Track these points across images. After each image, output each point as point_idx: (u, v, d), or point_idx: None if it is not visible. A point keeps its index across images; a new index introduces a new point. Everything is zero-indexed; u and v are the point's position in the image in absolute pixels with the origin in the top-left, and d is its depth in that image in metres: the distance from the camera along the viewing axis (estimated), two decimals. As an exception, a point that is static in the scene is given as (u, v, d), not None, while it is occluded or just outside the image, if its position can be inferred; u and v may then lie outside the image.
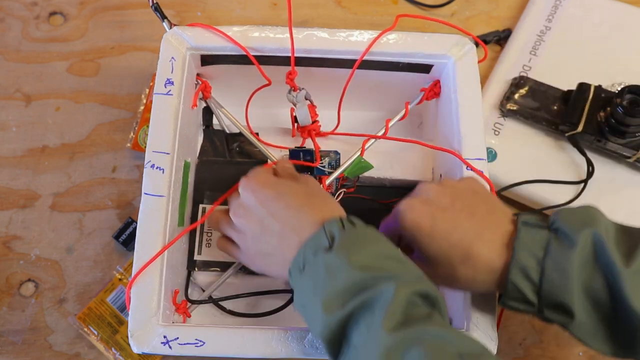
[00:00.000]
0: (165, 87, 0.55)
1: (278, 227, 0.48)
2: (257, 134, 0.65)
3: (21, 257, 0.66)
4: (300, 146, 0.64)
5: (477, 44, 0.59)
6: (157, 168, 0.53)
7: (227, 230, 0.54)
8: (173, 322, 0.52)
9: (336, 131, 0.64)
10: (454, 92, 0.57)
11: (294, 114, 0.60)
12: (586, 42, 0.74)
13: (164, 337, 0.48)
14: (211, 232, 0.62)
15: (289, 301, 0.58)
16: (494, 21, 0.79)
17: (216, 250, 0.61)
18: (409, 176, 0.65)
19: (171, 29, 0.57)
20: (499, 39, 0.77)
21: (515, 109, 0.69)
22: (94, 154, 0.71)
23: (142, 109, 0.71)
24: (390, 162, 0.65)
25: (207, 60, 0.59)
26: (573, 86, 0.68)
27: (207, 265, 0.61)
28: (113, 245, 0.66)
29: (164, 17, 0.57)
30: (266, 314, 0.58)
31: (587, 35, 0.74)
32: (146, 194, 0.52)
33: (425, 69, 0.60)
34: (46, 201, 0.68)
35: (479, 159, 0.55)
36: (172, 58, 0.56)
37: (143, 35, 0.77)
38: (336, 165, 0.63)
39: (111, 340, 0.62)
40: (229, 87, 0.63)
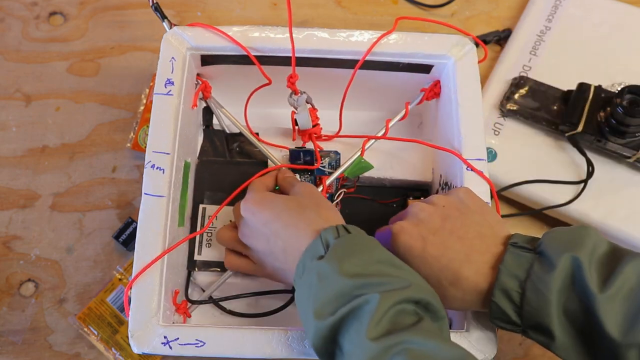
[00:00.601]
0: (166, 87, 0.55)
1: (281, 244, 0.50)
2: (257, 134, 0.65)
3: (21, 257, 0.66)
4: (303, 147, 0.64)
5: (477, 44, 0.59)
6: (157, 168, 0.53)
7: (235, 247, 0.56)
8: (173, 323, 0.52)
9: (336, 135, 0.65)
10: (454, 92, 0.57)
11: (294, 117, 0.60)
12: (586, 42, 0.74)
13: (164, 337, 0.48)
14: (211, 232, 0.62)
15: (289, 301, 0.58)
16: (494, 21, 0.79)
17: (216, 250, 0.61)
18: (409, 176, 0.65)
19: (171, 29, 0.57)
20: (499, 39, 0.77)
21: (515, 109, 0.69)
22: (94, 154, 0.71)
23: (142, 109, 0.71)
24: (390, 162, 0.65)
25: (207, 60, 0.59)
26: (573, 86, 0.68)
27: (207, 266, 0.61)
28: (113, 245, 0.66)
29: (164, 17, 0.57)
30: (266, 314, 0.58)
31: (587, 35, 0.74)
32: (146, 194, 0.52)
33: (425, 69, 0.60)
34: (46, 201, 0.68)
35: (479, 159, 0.55)
36: (172, 58, 0.56)
37: (143, 35, 0.77)
38: (336, 166, 0.62)
39: (111, 340, 0.62)
40: (229, 87, 0.63)
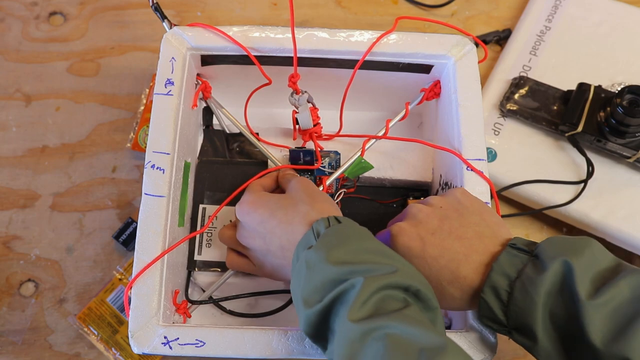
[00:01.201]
0: (166, 87, 0.55)
1: (278, 241, 0.50)
2: (257, 134, 0.65)
3: (21, 257, 0.66)
4: (303, 147, 0.64)
5: (477, 44, 0.59)
6: (157, 168, 0.53)
7: (239, 248, 0.56)
8: (173, 323, 0.52)
9: (337, 134, 0.65)
10: (454, 92, 0.57)
11: (295, 116, 0.60)
12: (586, 42, 0.74)
13: (165, 337, 0.48)
14: (211, 233, 0.62)
15: (289, 301, 0.58)
16: (494, 21, 0.79)
17: (216, 250, 0.61)
18: (409, 176, 0.65)
19: (171, 29, 0.57)
20: (499, 39, 0.77)
21: (515, 109, 0.69)
22: (94, 154, 0.71)
23: (142, 109, 0.71)
24: (390, 163, 0.65)
25: (207, 60, 0.59)
26: (573, 86, 0.68)
27: (207, 266, 0.61)
28: (113, 245, 0.66)
29: (164, 17, 0.57)
30: (266, 314, 0.58)
31: (587, 35, 0.74)
32: (146, 194, 0.52)
33: (425, 69, 0.60)
34: (46, 201, 0.68)
35: (479, 159, 0.55)
36: (172, 58, 0.56)
37: (143, 35, 0.77)
38: (336, 166, 0.63)
39: (111, 340, 0.62)
40: (229, 87, 0.63)
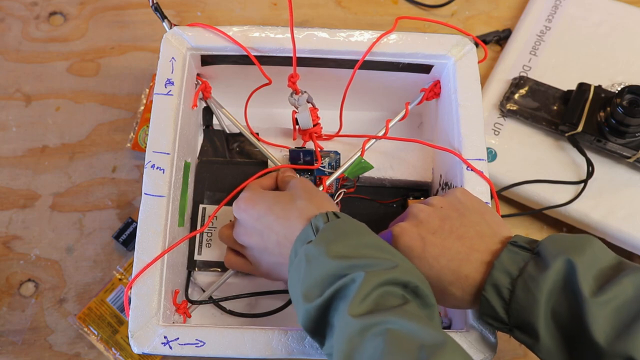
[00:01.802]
0: (166, 87, 0.55)
1: (275, 237, 0.50)
2: (257, 134, 0.65)
3: (21, 257, 0.66)
4: (303, 147, 0.64)
5: (477, 44, 0.59)
6: (157, 168, 0.53)
7: (236, 247, 0.56)
8: (173, 323, 0.52)
9: (336, 134, 0.65)
10: (454, 92, 0.57)
11: (295, 116, 0.60)
12: (586, 42, 0.73)
13: (165, 337, 0.48)
14: (211, 232, 0.62)
15: (289, 301, 0.58)
16: (494, 21, 0.79)
17: (216, 250, 0.61)
18: (409, 176, 0.65)
19: (171, 29, 0.57)
20: (499, 39, 0.77)
21: (515, 109, 0.69)
22: (94, 154, 0.71)
23: (142, 109, 0.71)
24: (390, 163, 0.65)
25: (207, 60, 0.59)
26: (573, 86, 0.68)
27: (207, 266, 0.61)
28: (113, 245, 0.66)
29: (164, 17, 0.57)
30: (266, 314, 0.58)
31: (587, 35, 0.74)
32: (146, 194, 0.52)
33: (425, 69, 0.60)
34: (46, 201, 0.68)
35: (479, 159, 0.55)
36: (172, 58, 0.56)
37: (143, 35, 0.77)
38: (336, 166, 0.63)
39: (111, 340, 0.62)
40: (229, 87, 0.63)
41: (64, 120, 0.72)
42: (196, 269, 0.61)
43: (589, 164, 0.66)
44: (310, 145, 0.63)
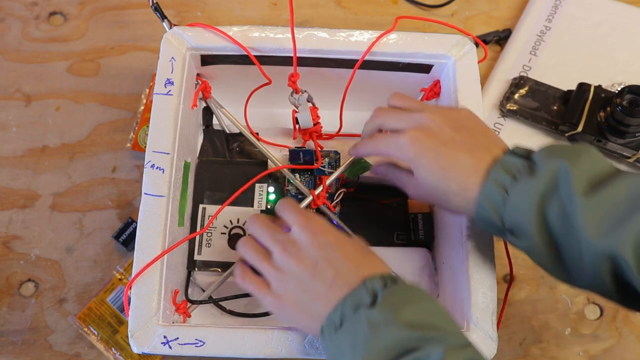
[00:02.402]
0: (165, 87, 0.55)
1: (332, 274, 0.46)
2: (257, 134, 0.65)
3: (21, 257, 0.66)
4: (303, 146, 0.64)
5: (477, 44, 0.59)
6: (157, 168, 0.53)
7: (261, 263, 0.49)
8: (173, 322, 0.52)
9: (336, 134, 0.64)
10: (454, 92, 0.57)
11: (295, 116, 0.60)
12: (586, 42, 0.74)
13: (164, 337, 0.48)
14: (211, 232, 0.62)
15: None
16: (494, 21, 0.79)
17: (216, 250, 0.61)
18: (409, 176, 0.65)
19: (171, 29, 0.57)
20: (499, 39, 0.77)
21: (515, 109, 0.69)
22: (94, 154, 0.71)
23: (142, 109, 0.71)
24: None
25: (207, 60, 0.59)
26: (573, 86, 0.68)
27: (207, 265, 0.61)
28: (113, 245, 0.66)
29: (164, 17, 0.57)
30: (266, 314, 0.58)
31: (587, 35, 0.74)
32: (146, 194, 0.52)
33: (425, 69, 0.60)
34: (46, 201, 0.68)
35: (479, 159, 0.55)
36: (172, 58, 0.56)
37: (143, 35, 0.77)
38: (336, 166, 0.63)
39: (111, 340, 0.62)
40: (229, 87, 0.63)
41: (64, 120, 0.72)
42: (196, 269, 0.61)
43: (589, 164, 0.66)
44: (310, 144, 0.63)
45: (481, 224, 0.47)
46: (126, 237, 0.65)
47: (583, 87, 0.67)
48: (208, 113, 0.66)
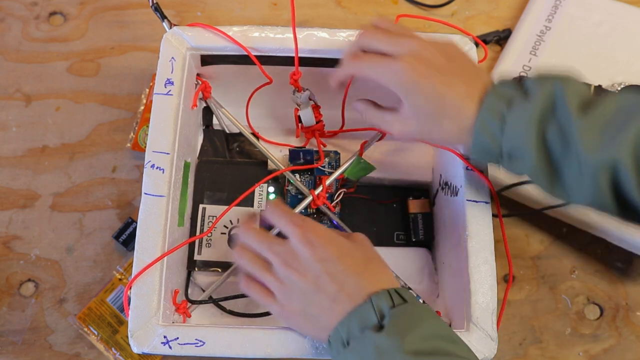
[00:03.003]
0: (165, 87, 0.55)
1: (334, 289, 0.46)
2: (257, 134, 0.65)
3: (21, 257, 0.66)
4: (303, 146, 0.64)
5: (477, 44, 0.59)
6: (157, 168, 0.53)
7: (263, 275, 0.49)
8: (173, 322, 0.52)
9: (339, 130, 0.64)
10: (454, 92, 0.57)
11: (297, 114, 0.60)
12: (586, 42, 0.73)
13: (164, 337, 0.48)
14: (211, 233, 0.62)
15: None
16: (494, 21, 0.79)
17: (216, 250, 0.61)
18: (409, 176, 0.65)
19: (171, 29, 0.57)
20: (499, 39, 0.77)
21: (515, 109, 0.69)
22: (94, 154, 0.71)
23: (142, 109, 0.71)
24: (390, 162, 0.65)
25: (207, 60, 0.59)
26: (573, 86, 0.68)
27: (207, 265, 0.61)
28: (113, 245, 0.66)
29: (164, 17, 0.57)
30: (266, 314, 0.58)
31: (587, 35, 0.74)
32: (146, 194, 0.52)
33: (425, 69, 0.60)
34: (46, 201, 0.68)
35: (479, 159, 0.55)
36: (172, 58, 0.56)
37: (143, 35, 0.77)
38: (336, 166, 0.63)
39: (111, 340, 0.62)
40: (229, 87, 0.63)
41: (64, 120, 0.72)
42: (196, 269, 0.61)
43: (589, 163, 0.66)
44: (312, 142, 0.63)
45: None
46: (126, 237, 0.65)
47: (583, 87, 0.67)
48: (208, 113, 0.66)
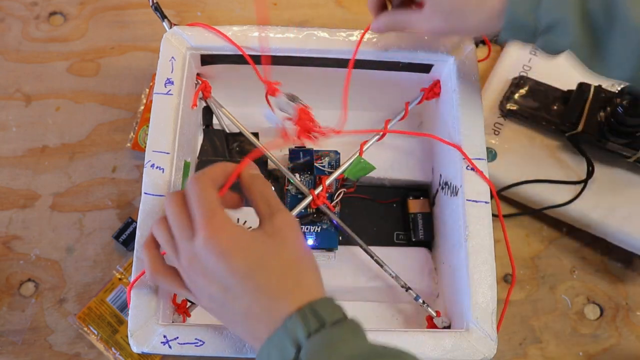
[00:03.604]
0: (165, 87, 0.55)
1: (243, 309, 0.41)
2: (257, 133, 0.65)
3: (21, 257, 0.66)
4: (299, 146, 0.64)
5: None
6: (157, 168, 0.53)
7: (172, 259, 0.44)
8: (173, 322, 0.52)
9: (337, 130, 0.64)
10: (454, 91, 0.57)
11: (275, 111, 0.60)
12: (586, 42, 0.73)
13: (164, 336, 0.48)
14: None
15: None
16: (494, 21, 0.79)
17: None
18: (409, 176, 0.65)
19: (171, 28, 0.57)
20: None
21: (515, 109, 0.69)
22: (94, 154, 0.71)
23: (142, 109, 0.71)
24: (390, 162, 0.65)
25: (207, 60, 0.59)
26: (573, 86, 0.68)
27: (207, 265, 0.61)
28: (113, 245, 0.66)
29: (164, 17, 0.57)
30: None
31: (587, 35, 0.74)
32: (146, 193, 0.52)
33: (425, 68, 0.60)
34: (46, 201, 0.68)
35: (479, 158, 0.55)
36: (172, 58, 0.56)
37: (143, 35, 0.77)
38: (336, 166, 0.63)
39: (111, 340, 0.62)
40: (229, 87, 0.63)
41: (64, 120, 0.72)
42: (196, 269, 0.61)
43: (589, 164, 0.66)
44: (308, 145, 0.63)
45: (509, 32, 0.46)
46: (126, 237, 0.65)
47: (583, 87, 0.67)
48: (208, 113, 0.66)
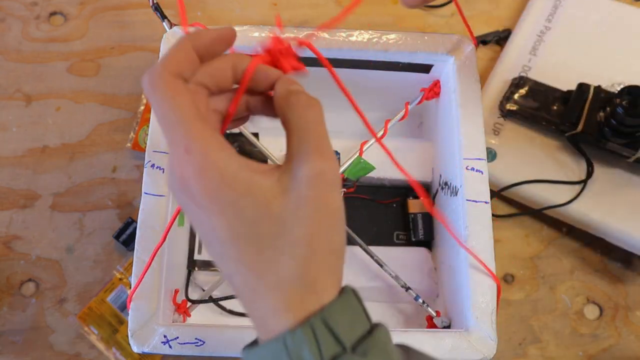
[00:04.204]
0: (166, 87, 0.55)
1: (227, 276, 0.33)
2: (257, 134, 0.65)
3: (22, 257, 0.66)
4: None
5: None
6: (157, 167, 0.53)
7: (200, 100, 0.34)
8: (173, 322, 0.52)
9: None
10: (454, 92, 0.57)
11: None
12: (586, 42, 0.73)
13: (164, 336, 0.48)
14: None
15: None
16: (494, 21, 0.79)
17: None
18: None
19: (171, 28, 0.57)
20: (499, 39, 0.77)
21: (515, 109, 0.69)
22: (94, 154, 0.71)
23: (142, 109, 0.71)
24: (390, 162, 0.65)
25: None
26: (573, 86, 0.68)
27: (207, 265, 0.61)
28: (113, 245, 0.66)
29: (164, 17, 0.57)
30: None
31: (587, 35, 0.74)
32: (146, 193, 0.52)
33: (425, 69, 0.60)
34: (46, 201, 0.68)
35: (479, 158, 0.55)
36: (172, 58, 0.56)
37: (143, 35, 0.77)
38: (336, 165, 0.62)
39: (111, 339, 0.62)
40: (229, 87, 0.63)
41: (64, 120, 0.72)
42: (196, 269, 0.61)
43: (589, 164, 0.66)
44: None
45: None
46: (126, 237, 0.65)
47: (583, 87, 0.67)
48: (208, 113, 0.66)
